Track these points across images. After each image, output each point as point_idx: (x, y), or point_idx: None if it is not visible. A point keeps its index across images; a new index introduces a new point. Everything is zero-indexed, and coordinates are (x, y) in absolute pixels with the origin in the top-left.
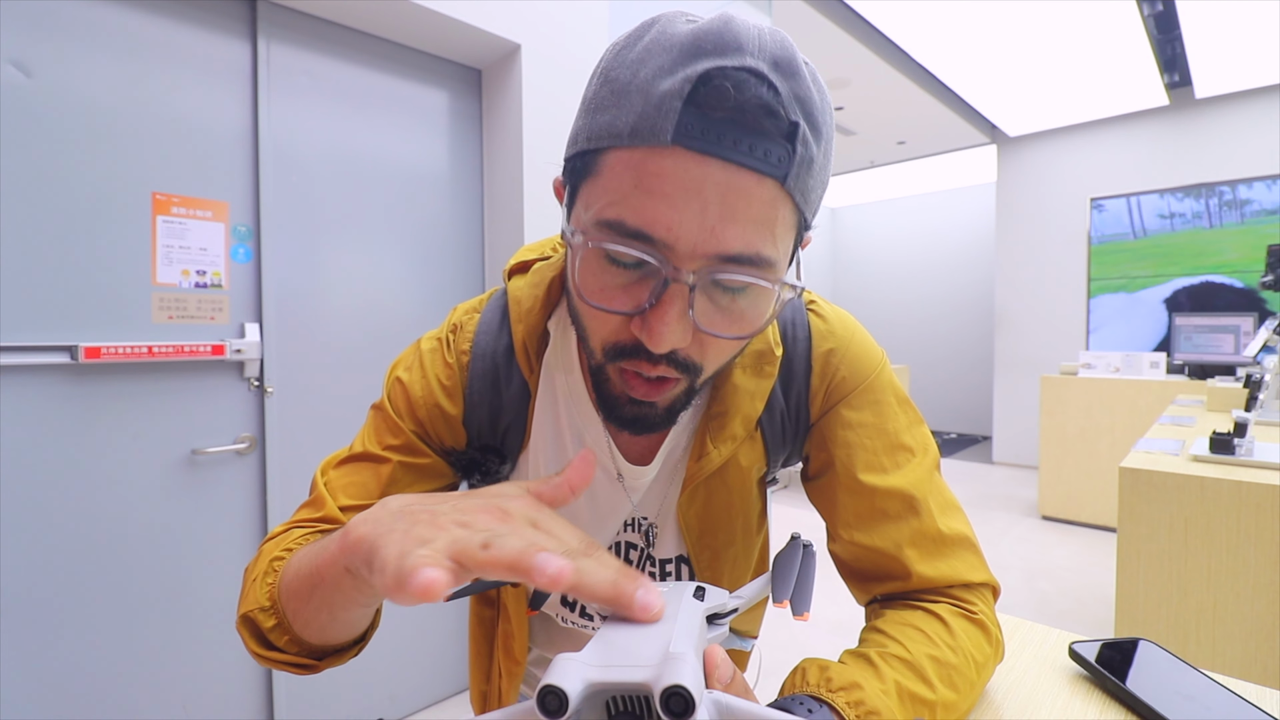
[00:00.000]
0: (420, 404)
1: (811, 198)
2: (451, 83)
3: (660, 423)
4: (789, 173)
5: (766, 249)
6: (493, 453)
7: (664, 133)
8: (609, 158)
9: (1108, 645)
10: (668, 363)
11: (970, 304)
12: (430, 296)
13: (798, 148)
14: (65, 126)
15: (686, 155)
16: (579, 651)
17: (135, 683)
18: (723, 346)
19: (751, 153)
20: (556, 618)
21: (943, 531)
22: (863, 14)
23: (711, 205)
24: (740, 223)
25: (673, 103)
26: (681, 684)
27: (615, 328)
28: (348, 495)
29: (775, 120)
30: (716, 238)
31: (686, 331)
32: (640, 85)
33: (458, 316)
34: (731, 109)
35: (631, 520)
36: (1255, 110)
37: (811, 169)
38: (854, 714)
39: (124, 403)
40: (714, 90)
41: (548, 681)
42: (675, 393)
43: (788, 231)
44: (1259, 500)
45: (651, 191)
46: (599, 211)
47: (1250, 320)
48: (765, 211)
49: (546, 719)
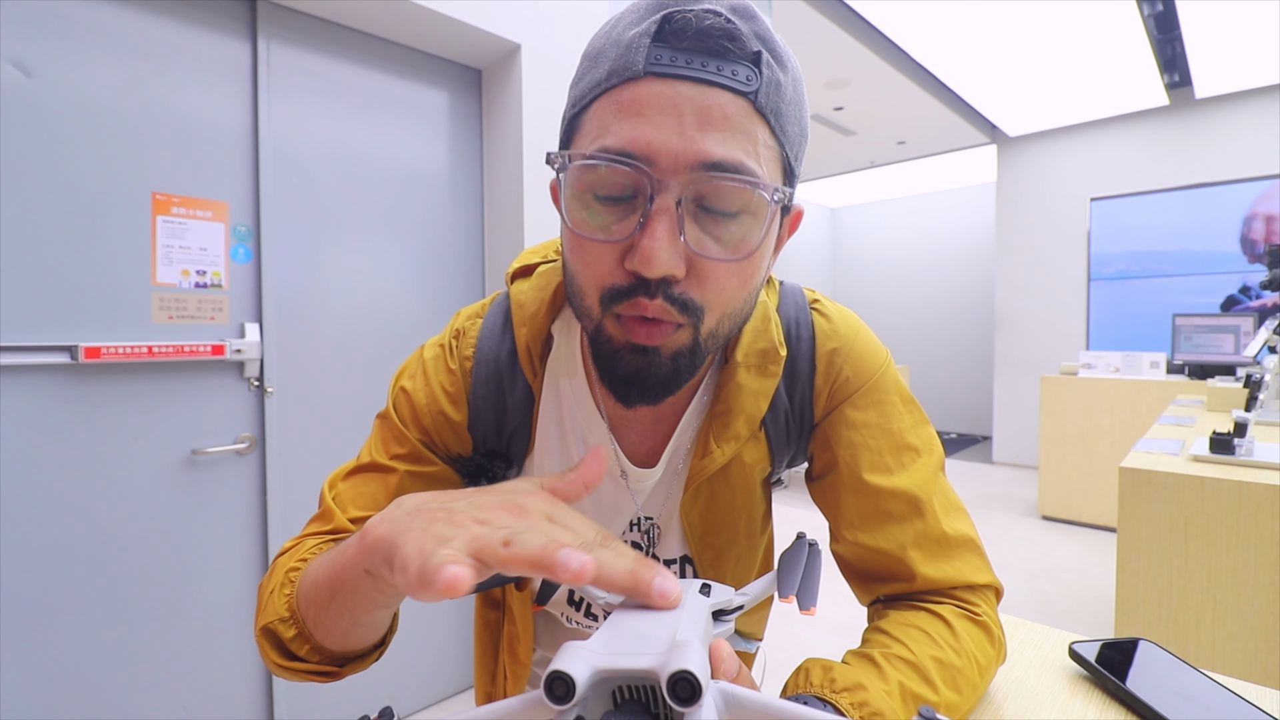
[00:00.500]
0: (425, 412)
1: (789, 129)
2: (451, 83)
3: (666, 380)
4: (759, 90)
5: (749, 160)
6: (499, 458)
7: (635, 65)
8: (590, 109)
9: (1108, 645)
10: (665, 298)
11: (970, 304)
12: (430, 296)
13: (763, 70)
14: (65, 126)
15: (659, 81)
16: (586, 640)
17: (135, 683)
18: (721, 282)
19: (720, 73)
20: (561, 618)
21: (947, 533)
22: (863, 14)
23: (688, 118)
24: (718, 131)
25: (641, 40)
26: (688, 669)
27: (609, 268)
28: (357, 507)
29: (738, 45)
30: (696, 147)
31: (679, 255)
32: (614, 40)
33: (460, 322)
34: (694, 37)
35: (636, 520)
36: (1255, 110)
37: (781, 92)
38: (858, 714)
39: (124, 403)
40: (677, 23)
41: (556, 667)
42: (679, 341)
43: (771, 158)
44: (1259, 500)
45: (630, 114)
46: (586, 146)
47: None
48: (742, 124)
49: (554, 705)
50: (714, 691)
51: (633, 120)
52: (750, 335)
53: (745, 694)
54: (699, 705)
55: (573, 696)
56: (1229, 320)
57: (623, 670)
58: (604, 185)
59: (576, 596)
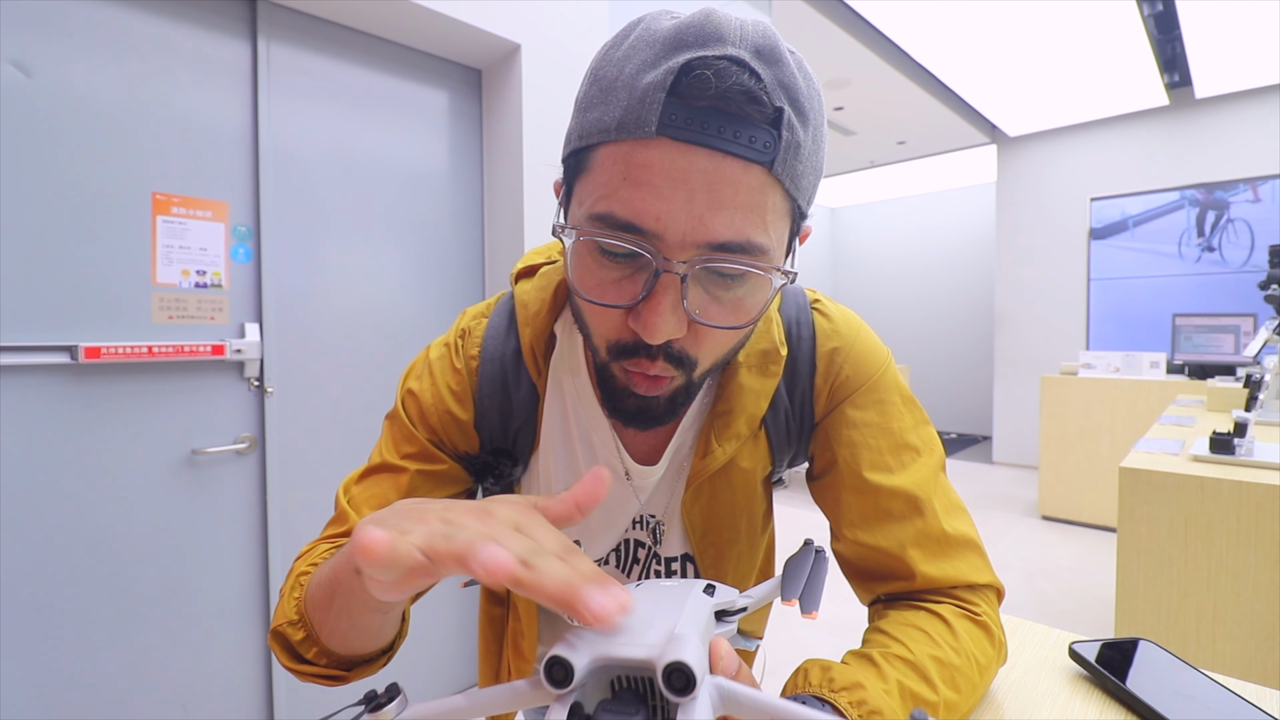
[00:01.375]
0: (432, 411)
1: (803, 184)
2: (451, 83)
3: (663, 415)
4: (776, 158)
5: (758, 236)
6: (505, 456)
7: (649, 124)
8: (599, 153)
9: (1108, 645)
10: (666, 358)
11: (970, 304)
12: (430, 296)
13: (783, 133)
14: (65, 126)
15: (672, 145)
16: (588, 629)
17: (135, 683)
18: (719, 339)
19: (736, 139)
20: (565, 615)
21: (947, 532)
22: (863, 14)
23: (698, 194)
24: (728, 210)
25: (656, 94)
26: (683, 660)
27: (615, 325)
28: (370, 507)
29: (759, 106)
30: (705, 226)
31: (681, 322)
32: (625, 80)
33: (466, 321)
34: (713, 97)
35: (639, 518)
36: (1255, 110)
37: (799, 154)
38: (856, 714)
39: (124, 403)
40: (695, 80)
41: (555, 653)
42: (675, 385)
43: (780, 219)
44: (1259, 500)
45: (639, 183)
46: (590, 206)
47: (1250, 320)
48: (754, 198)
49: (553, 688)
50: (710, 686)
51: (642, 191)
52: (752, 336)
53: (742, 690)
54: (693, 697)
55: (571, 681)
56: (1229, 320)
57: (620, 659)
58: (610, 245)
59: None
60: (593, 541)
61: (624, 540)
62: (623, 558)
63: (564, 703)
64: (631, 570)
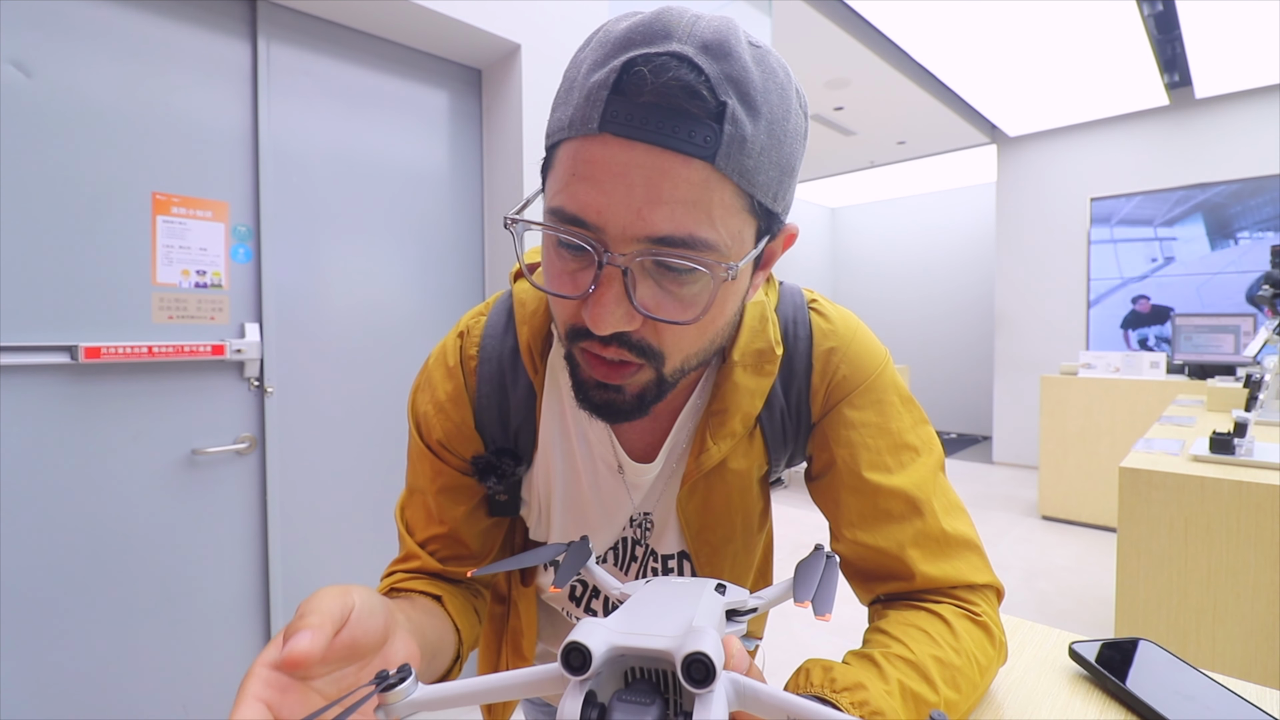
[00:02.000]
0: (436, 424)
1: (759, 179)
2: (451, 83)
3: (631, 410)
4: (718, 152)
5: (702, 231)
6: (508, 455)
7: (593, 121)
8: (559, 150)
9: (1108, 645)
10: (620, 344)
11: (970, 304)
12: (430, 296)
13: (725, 127)
14: (65, 126)
15: (614, 141)
16: (605, 618)
17: (135, 683)
18: (680, 333)
19: (675, 134)
20: (563, 613)
21: (947, 532)
22: (863, 14)
23: (638, 188)
24: (667, 204)
25: (600, 92)
26: (703, 650)
27: (571, 311)
28: (420, 529)
29: (699, 101)
30: (644, 220)
31: (628, 315)
32: (580, 81)
33: (465, 321)
34: (652, 93)
35: (635, 516)
36: (1255, 110)
37: (746, 148)
38: (858, 714)
39: (124, 403)
40: (634, 77)
41: (574, 639)
42: (642, 380)
43: (731, 215)
44: (1259, 500)
45: (584, 178)
46: (548, 200)
47: (1250, 320)
48: (695, 193)
49: (570, 675)
50: (726, 681)
51: (586, 185)
52: (747, 335)
53: (757, 686)
54: (711, 689)
55: (588, 668)
56: (1229, 320)
57: (639, 649)
58: (559, 238)
59: (579, 592)
60: (590, 540)
61: (621, 538)
62: (620, 555)
63: (579, 689)
64: (629, 568)
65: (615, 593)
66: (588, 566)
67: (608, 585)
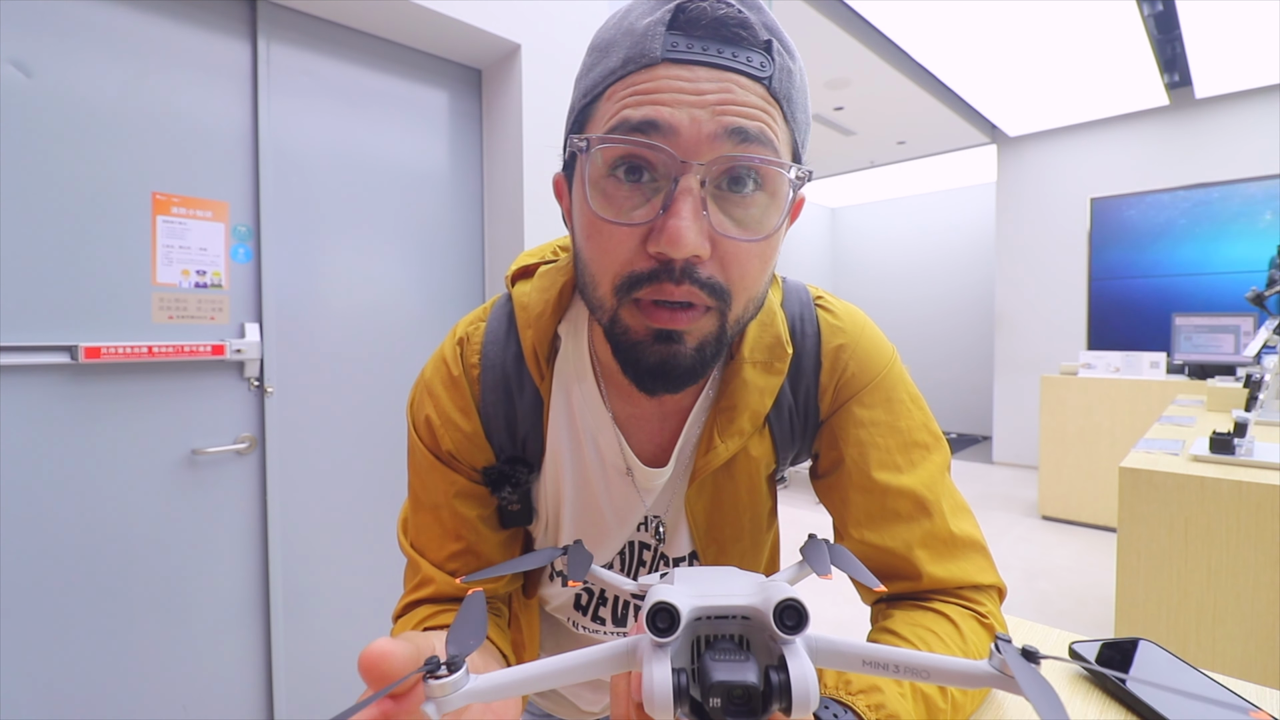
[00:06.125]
0: (443, 435)
1: (798, 117)
2: (451, 83)
3: (689, 368)
4: (773, 76)
5: (769, 133)
6: (519, 463)
7: (653, 52)
8: (603, 97)
9: (1108, 645)
10: (691, 281)
11: (970, 304)
12: (430, 296)
13: (775, 57)
14: (65, 126)
15: (677, 66)
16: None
17: (135, 683)
18: (745, 264)
19: (735, 59)
20: (568, 622)
21: (954, 533)
22: (863, 14)
23: (709, 98)
24: (739, 106)
25: (656, 29)
26: (795, 596)
27: (630, 253)
28: (432, 549)
29: (751, 32)
30: (719, 120)
31: (703, 234)
32: (626, 29)
33: (462, 329)
34: (709, 26)
35: (645, 520)
36: (1255, 110)
37: (792, 79)
38: (874, 717)
39: (124, 403)
40: (692, 11)
41: (660, 599)
42: (705, 328)
43: (785, 140)
44: (1259, 500)
45: (649, 96)
46: (603, 129)
47: (1250, 320)
48: (760, 105)
49: (656, 637)
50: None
51: (653, 99)
52: (756, 331)
53: (829, 637)
54: (804, 634)
55: (676, 629)
56: (1229, 320)
57: (722, 608)
58: (625, 167)
59: (584, 600)
60: (599, 546)
61: (629, 543)
62: (627, 560)
63: (664, 653)
64: (637, 573)
65: (629, 589)
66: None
67: (619, 585)
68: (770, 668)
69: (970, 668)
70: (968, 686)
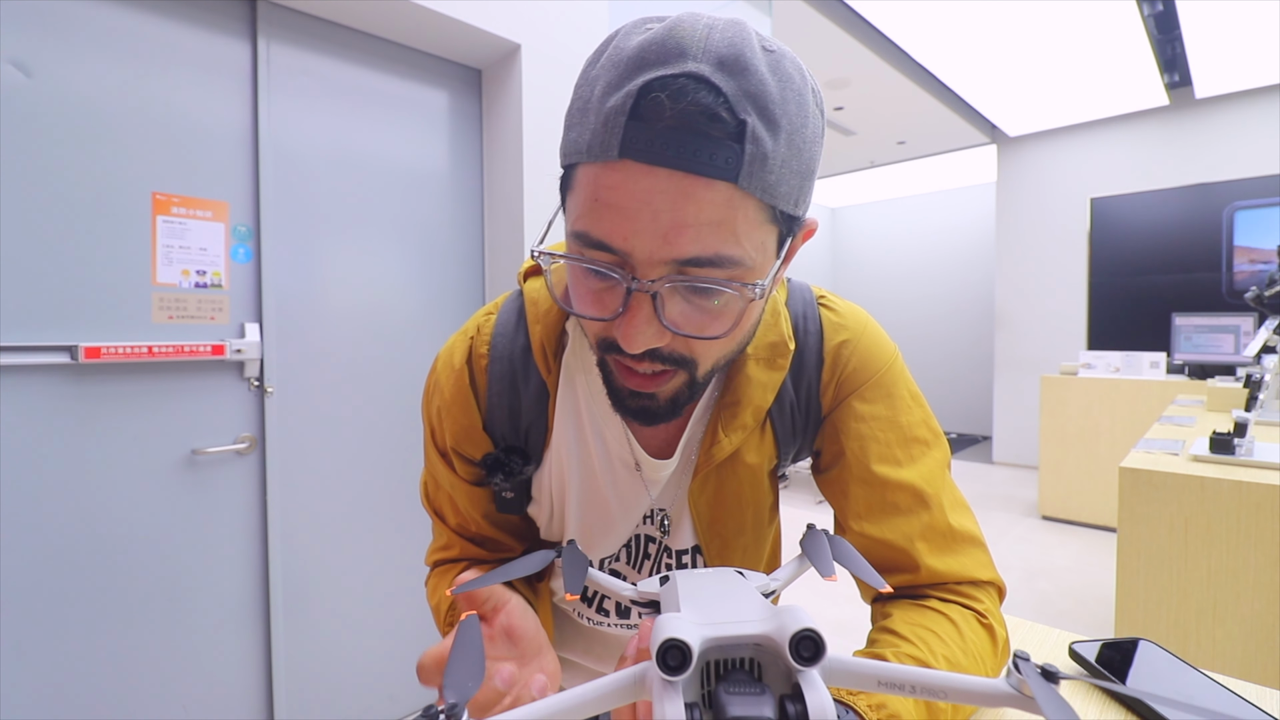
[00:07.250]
0: (447, 428)
1: (780, 190)
2: (451, 83)
3: (665, 414)
4: (740, 172)
5: (727, 249)
6: (516, 453)
7: (612, 148)
8: (578, 173)
9: (1108, 645)
10: (652, 358)
11: (970, 304)
12: (430, 296)
13: (747, 146)
14: (65, 126)
15: (635, 167)
16: (675, 612)
17: (135, 683)
18: (708, 345)
19: (696, 158)
20: (574, 614)
21: (953, 527)
22: (863, 14)
23: (663, 213)
24: (693, 227)
25: (618, 119)
26: (812, 626)
27: (603, 326)
28: (449, 515)
29: (719, 123)
30: (670, 244)
31: (658, 333)
32: (595, 103)
33: (474, 321)
34: (671, 119)
35: (650, 512)
36: (1255, 110)
37: (767, 165)
38: (876, 716)
39: (124, 403)
40: (652, 102)
41: (671, 635)
42: (675, 385)
43: (755, 228)
44: (1259, 500)
45: (608, 205)
46: (571, 224)
47: (1250, 320)
48: (720, 213)
49: (668, 676)
50: None
51: (610, 212)
52: (760, 329)
53: (842, 658)
54: (820, 665)
55: (688, 666)
56: (1229, 320)
57: (735, 637)
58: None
59: (590, 592)
60: (605, 537)
61: (634, 535)
62: (633, 553)
63: (675, 690)
64: (642, 566)
65: (629, 594)
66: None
67: (618, 591)
68: (785, 697)
69: (987, 687)
70: (985, 706)
